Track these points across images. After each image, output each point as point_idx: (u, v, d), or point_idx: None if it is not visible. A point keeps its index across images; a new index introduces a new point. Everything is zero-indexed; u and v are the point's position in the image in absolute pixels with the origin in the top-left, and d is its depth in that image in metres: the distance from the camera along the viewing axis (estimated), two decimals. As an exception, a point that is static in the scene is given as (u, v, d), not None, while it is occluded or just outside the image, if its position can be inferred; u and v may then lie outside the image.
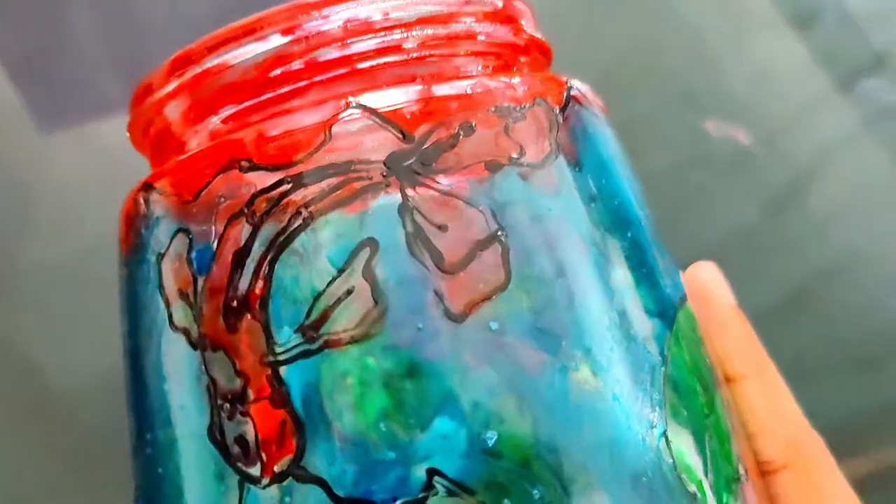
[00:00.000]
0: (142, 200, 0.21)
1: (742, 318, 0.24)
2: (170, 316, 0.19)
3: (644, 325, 0.19)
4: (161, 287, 0.20)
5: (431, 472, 0.17)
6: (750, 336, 0.24)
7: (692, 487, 0.18)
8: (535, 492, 0.17)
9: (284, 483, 0.18)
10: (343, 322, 0.18)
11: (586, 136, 0.21)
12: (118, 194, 0.22)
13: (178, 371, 0.19)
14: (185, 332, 0.19)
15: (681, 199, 0.45)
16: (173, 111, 0.21)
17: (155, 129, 0.22)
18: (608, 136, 0.22)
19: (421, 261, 0.18)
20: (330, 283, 0.18)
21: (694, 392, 0.20)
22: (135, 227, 0.21)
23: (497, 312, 0.18)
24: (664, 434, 0.18)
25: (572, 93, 0.21)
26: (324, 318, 0.18)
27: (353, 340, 0.17)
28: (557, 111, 0.20)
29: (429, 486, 0.17)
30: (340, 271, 0.18)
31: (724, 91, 0.47)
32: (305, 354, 0.18)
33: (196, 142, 0.21)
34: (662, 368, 0.19)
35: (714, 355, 0.23)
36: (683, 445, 0.19)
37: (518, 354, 0.18)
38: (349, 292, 0.18)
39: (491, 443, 0.17)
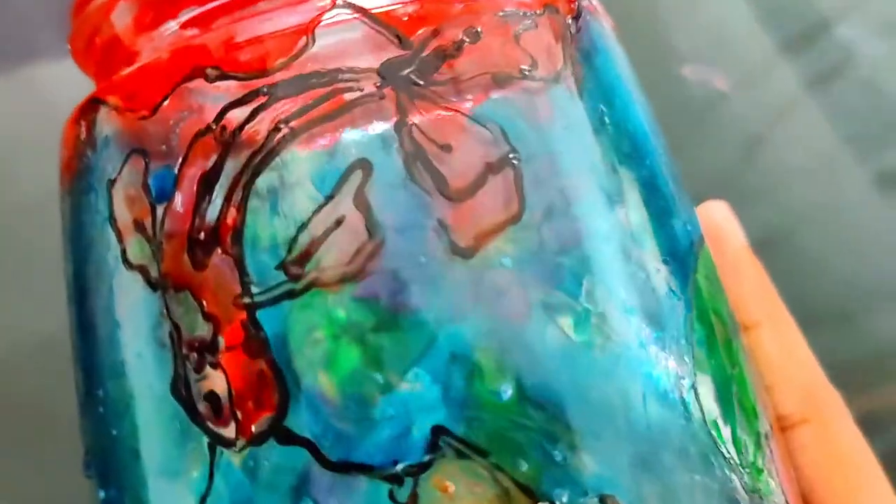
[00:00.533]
0: (87, 119, 0.18)
1: (755, 261, 0.22)
2: (123, 252, 0.16)
3: (664, 269, 0.17)
4: (112, 218, 0.17)
5: (437, 431, 0.15)
6: (764, 280, 0.22)
7: (723, 445, 0.16)
8: (556, 452, 0.15)
9: (264, 445, 0.15)
10: (333, 257, 0.15)
11: (598, 52, 0.18)
12: (52, 146, 0.19)
13: (134, 316, 0.16)
14: (142, 270, 0.16)
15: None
16: (122, 16, 0.18)
17: (101, 39, 0.19)
18: (621, 55, 0.19)
19: (422, 186, 0.15)
20: (316, 211, 0.15)
21: (718, 342, 0.18)
22: (78, 150, 0.18)
23: (510, 247, 0.15)
24: (693, 387, 0.16)
25: (583, 2, 0.18)
26: (309, 252, 0.15)
27: (346, 278, 0.15)
28: (570, 21, 0.18)
29: (434, 447, 0.15)
30: (328, 198, 0.15)
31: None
32: (289, 295, 0.15)
33: (151, 51, 0.18)
34: (687, 314, 0.17)
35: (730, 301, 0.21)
36: (711, 399, 0.17)
37: (535, 295, 0.15)
38: (339, 223, 0.15)
39: (505, 396, 0.15)
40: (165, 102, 0.16)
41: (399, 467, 0.15)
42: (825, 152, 0.45)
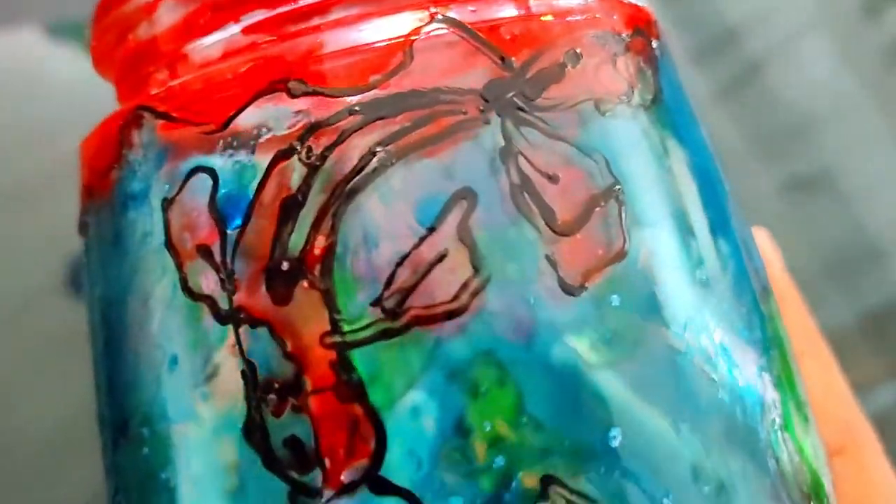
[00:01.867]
0: (131, 129, 0.16)
1: (798, 296, 0.22)
2: (183, 280, 0.15)
3: (745, 296, 0.16)
4: (169, 242, 0.15)
5: (547, 481, 0.14)
6: (803, 310, 0.22)
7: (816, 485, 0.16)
8: (665, 499, 0.14)
9: (355, 496, 0.14)
10: (434, 294, 0.14)
11: (669, 76, 0.18)
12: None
13: (196, 351, 0.15)
14: (208, 300, 0.15)
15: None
16: (166, 17, 0.16)
17: (136, 40, 0.17)
18: (680, 77, 0.19)
19: (529, 219, 0.14)
20: (416, 244, 0.14)
21: (792, 367, 0.17)
22: (117, 164, 0.16)
23: (617, 284, 0.14)
24: (786, 427, 0.16)
25: (655, 24, 0.18)
26: (409, 288, 0.14)
27: (449, 317, 0.14)
28: (655, 45, 0.17)
29: (543, 498, 0.14)
30: (430, 230, 0.14)
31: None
32: (385, 335, 0.14)
33: (202, 57, 0.16)
34: (772, 351, 0.16)
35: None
36: (800, 431, 0.16)
37: (645, 335, 0.14)
38: (441, 257, 0.14)
39: (615, 443, 0.14)
40: (239, 117, 0.15)
41: None
42: (731, 159, 0.46)
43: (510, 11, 0.15)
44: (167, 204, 0.15)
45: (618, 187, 0.15)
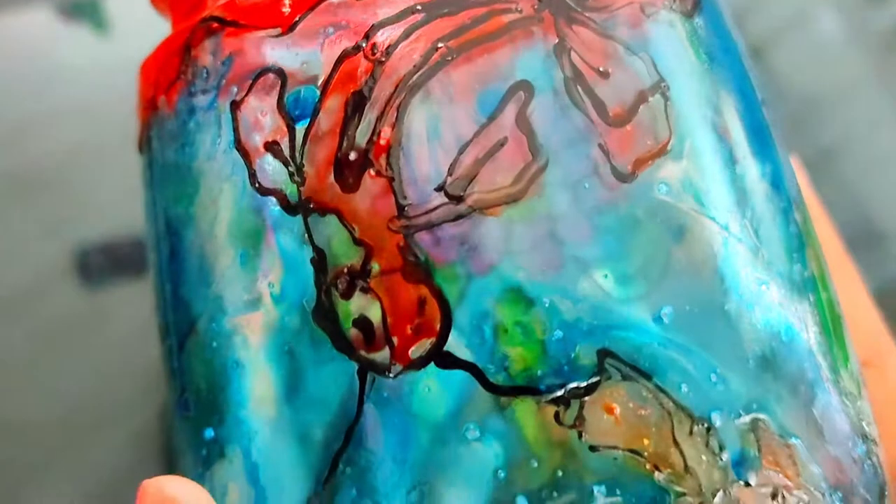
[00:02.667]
0: (199, 39, 0.17)
1: (826, 218, 0.23)
2: (252, 176, 0.16)
3: (782, 200, 0.17)
4: (238, 142, 0.16)
5: (603, 354, 0.15)
6: (833, 235, 0.23)
7: (836, 376, 0.17)
8: (713, 375, 0.15)
9: (422, 371, 0.15)
10: (496, 179, 0.15)
11: None
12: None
13: (263, 244, 0.16)
14: (277, 193, 0.15)
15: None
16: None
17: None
18: None
19: (582, 110, 0.15)
20: (477, 133, 0.15)
21: (826, 279, 0.18)
22: (185, 74, 0.17)
23: (666, 173, 0.15)
24: (816, 320, 0.17)
25: None
26: (471, 173, 0.15)
27: (510, 200, 0.15)
28: None
29: (600, 370, 0.15)
30: (490, 119, 0.15)
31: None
32: (450, 217, 0.15)
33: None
34: (807, 248, 0.17)
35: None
36: (827, 332, 0.17)
37: (688, 221, 0.15)
38: (501, 144, 0.15)
39: (667, 319, 0.15)
40: (305, 18, 0.15)
41: (565, 390, 0.14)
42: None
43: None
44: (236, 106, 0.16)
45: (664, 84, 0.16)
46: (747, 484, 0.15)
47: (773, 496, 0.15)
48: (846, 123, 0.49)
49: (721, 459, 0.15)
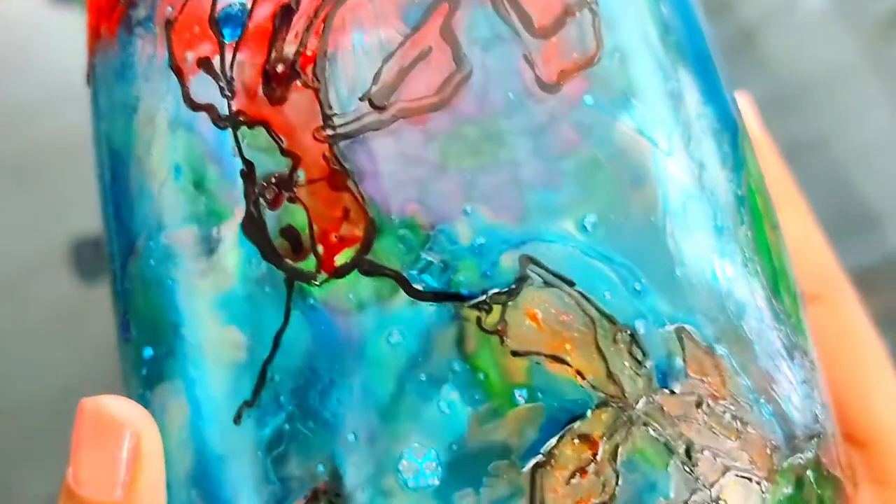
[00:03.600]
0: (136, -37, 0.17)
1: (776, 153, 0.23)
2: (185, 94, 0.16)
3: (723, 123, 0.17)
4: (172, 60, 0.16)
5: (526, 260, 0.15)
6: (782, 168, 0.23)
7: (774, 298, 0.17)
8: (637, 284, 0.15)
9: (346, 278, 0.15)
10: (419, 88, 0.15)
11: None
12: None
13: (197, 158, 0.16)
14: (209, 109, 0.16)
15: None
16: None
17: None
18: None
19: (508, 22, 0.15)
20: (402, 42, 0.15)
21: (761, 209, 0.18)
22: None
23: (592, 85, 0.15)
24: (747, 237, 0.17)
25: None
26: (395, 83, 0.15)
27: (433, 108, 0.15)
28: None
29: (522, 276, 0.15)
30: (415, 29, 0.15)
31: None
32: (373, 126, 0.15)
33: None
34: (743, 171, 0.17)
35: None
36: (761, 256, 0.17)
37: (615, 134, 0.15)
38: (425, 54, 0.15)
39: (591, 227, 0.15)
40: (234, -64, 0.16)
41: (487, 295, 0.15)
42: None
43: None
44: (169, 25, 0.16)
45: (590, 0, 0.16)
46: (672, 392, 0.15)
47: (699, 405, 0.15)
48: (838, 107, 0.49)
49: (644, 367, 0.15)
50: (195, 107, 0.16)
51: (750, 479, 0.16)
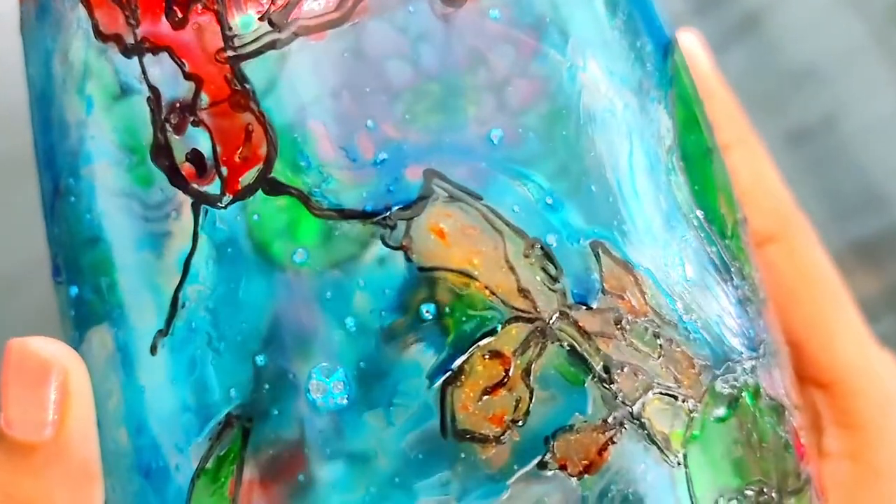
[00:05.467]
0: None
1: (725, 87, 0.22)
2: (94, 26, 0.16)
3: (647, 41, 0.17)
4: None
5: (430, 175, 0.15)
6: (733, 105, 0.22)
7: (703, 215, 0.17)
8: (548, 198, 0.15)
9: (251, 199, 0.15)
10: (318, 5, 0.15)
11: None
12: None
13: (107, 89, 0.16)
14: (116, 38, 0.16)
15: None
16: None
17: None
18: None
19: None
20: None
21: (699, 123, 0.18)
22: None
23: (497, 1, 0.15)
24: (673, 154, 0.16)
25: None
26: (295, 1, 0.15)
27: (332, 25, 0.15)
28: None
29: (426, 190, 0.15)
30: None
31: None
32: (273, 45, 0.15)
33: None
34: (671, 89, 0.17)
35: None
36: (689, 175, 0.17)
37: (523, 47, 0.15)
38: (324, -29, 0.15)
39: (497, 141, 0.15)
40: None
41: (390, 211, 0.14)
42: None
43: None
44: None
45: None
46: (588, 308, 0.15)
47: (617, 322, 0.15)
48: (845, 90, 0.48)
49: (558, 282, 0.15)
50: (104, 38, 0.16)
51: (675, 398, 0.15)
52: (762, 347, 0.17)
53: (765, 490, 0.16)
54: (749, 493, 0.16)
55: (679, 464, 0.15)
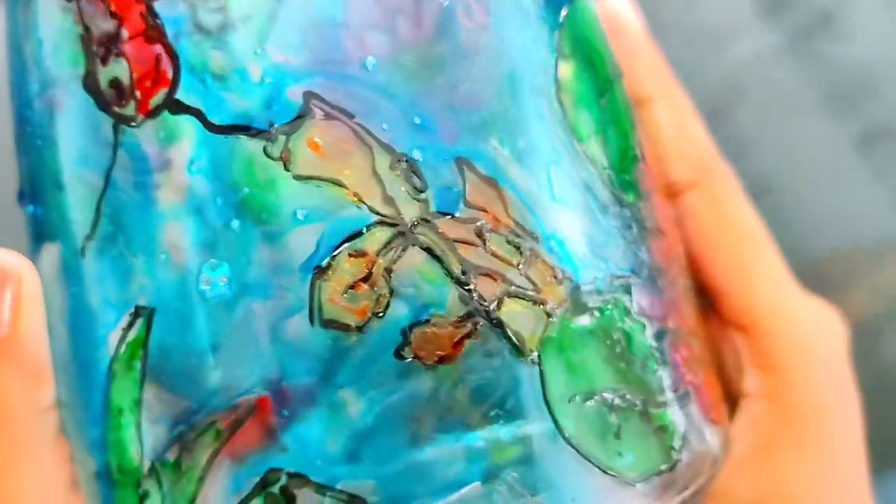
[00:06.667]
0: None
1: (652, 46, 0.24)
2: None
3: None
4: None
5: (308, 95, 0.17)
6: (660, 62, 0.24)
7: (582, 144, 0.18)
8: (416, 118, 0.17)
9: (158, 117, 0.17)
10: None
11: None
12: None
13: (54, 31, 0.18)
14: (63, -15, 0.18)
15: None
16: None
17: None
18: None
19: None
20: None
21: (589, 67, 0.19)
22: None
23: None
24: (553, 87, 0.18)
25: None
26: (199, -54, 0.17)
27: None
28: None
29: (305, 109, 0.17)
30: None
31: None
32: None
33: None
34: (558, 30, 0.19)
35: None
36: (571, 109, 0.18)
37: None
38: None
39: (371, 66, 0.17)
40: None
41: (273, 127, 0.16)
42: (802, 111, 0.46)
43: None
44: None
45: None
46: (451, 216, 0.17)
47: (479, 232, 0.17)
48: None
49: (422, 192, 0.17)
50: None
51: (534, 302, 0.17)
52: (642, 269, 0.19)
53: (627, 396, 0.18)
54: (607, 396, 0.17)
55: (533, 362, 0.17)
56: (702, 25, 0.45)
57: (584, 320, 0.17)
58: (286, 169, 0.16)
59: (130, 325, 0.17)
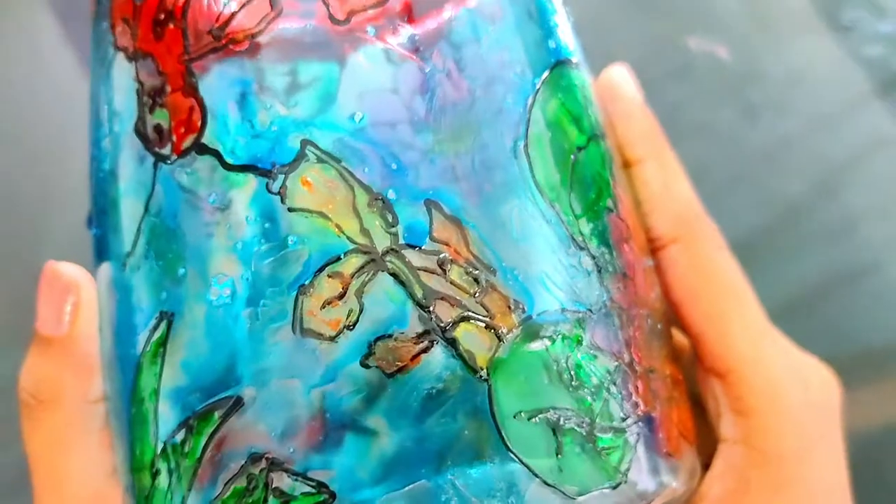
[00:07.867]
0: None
1: (648, 114, 0.26)
2: (114, 40, 0.23)
3: (520, 54, 0.22)
4: (111, 16, 0.23)
5: (305, 143, 0.20)
6: (653, 128, 0.26)
7: (545, 194, 0.21)
8: (394, 164, 0.20)
9: (187, 157, 0.21)
10: (245, 22, 0.21)
11: None
12: None
13: (119, 84, 0.22)
14: (125, 49, 0.22)
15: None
16: None
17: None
18: None
19: None
20: None
21: (567, 126, 0.22)
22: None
23: (375, 21, 0.20)
24: (521, 141, 0.21)
25: None
26: (229, 19, 0.21)
27: (251, 36, 0.21)
28: None
29: (302, 154, 0.20)
30: None
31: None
32: (214, 51, 0.21)
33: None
34: (533, 93, 0.21)
35: (615, 142, 0.25)
36: (537, 161, 0.21)
37: (395, 55, 0.20)
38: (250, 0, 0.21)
39: (359, 121, 0.20)
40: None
41: (275, 167, 0.20)
42: None
43: None
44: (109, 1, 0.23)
45: None
46: (417, 248, 0.20)
47: (441, 263, 0.20)
48: None
49: (394, 227, 0.20)
50: (117, 48, 0.23)
51: (486, 326, 0.19)
52: (599, 307, 0.21)
53: (573, 418, 0.20)
54: (551, 416, 0.19)
55: (482, 378, 0.19)
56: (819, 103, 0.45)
57: (535, 346, 0.20)
58: (282, 201, 0.20)
59: (156, 327, 0.21)
